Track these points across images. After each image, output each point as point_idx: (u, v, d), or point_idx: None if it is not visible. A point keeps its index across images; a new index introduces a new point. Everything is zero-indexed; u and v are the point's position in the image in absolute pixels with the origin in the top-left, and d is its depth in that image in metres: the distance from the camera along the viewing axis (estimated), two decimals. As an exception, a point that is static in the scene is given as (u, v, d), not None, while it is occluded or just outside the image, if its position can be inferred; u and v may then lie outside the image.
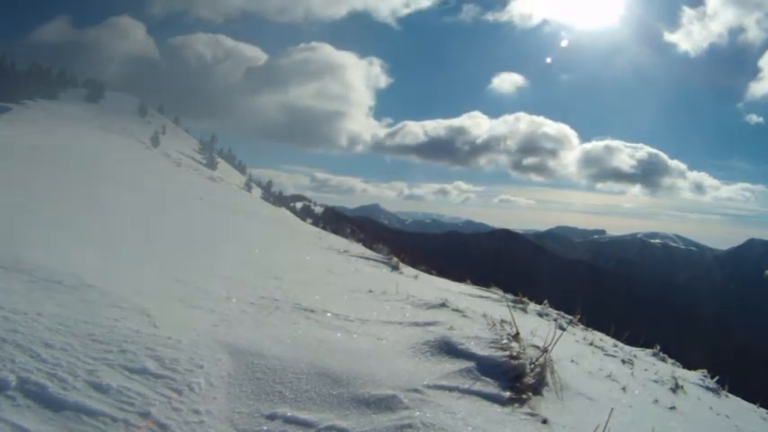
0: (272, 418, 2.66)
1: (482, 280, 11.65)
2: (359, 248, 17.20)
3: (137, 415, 2.44)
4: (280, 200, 42.93)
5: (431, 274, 16.37)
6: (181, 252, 7.19)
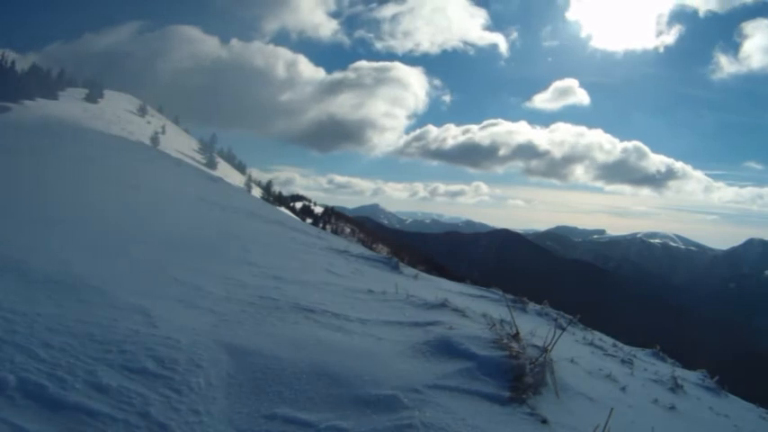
0: (271, 418, 2.66)
1: (482, 280, 11.66)
2: (359, 248, 17.16)
3: (137, 415, 2.43)
4: (279, 200, 42.91)
5: (431, 274, 16.36)
6: (180, 252, 7.17)
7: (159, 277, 5.28)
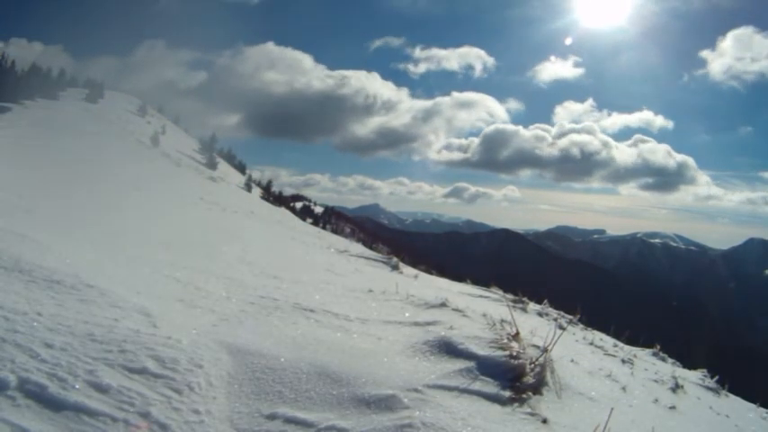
0: (271, 418, 2.66)
1: (482, 280, 11.64)
2: (359, 248, 17.19)
3: (137, 415, 2.43)
4: (279, 199, 42.95)
5: (431, 273, 16.37)
6: (181, 252, 7.18)
7: (159, 277, 5.28)
